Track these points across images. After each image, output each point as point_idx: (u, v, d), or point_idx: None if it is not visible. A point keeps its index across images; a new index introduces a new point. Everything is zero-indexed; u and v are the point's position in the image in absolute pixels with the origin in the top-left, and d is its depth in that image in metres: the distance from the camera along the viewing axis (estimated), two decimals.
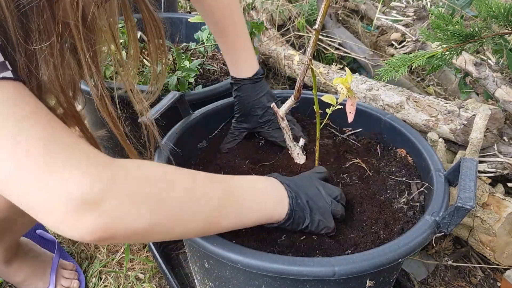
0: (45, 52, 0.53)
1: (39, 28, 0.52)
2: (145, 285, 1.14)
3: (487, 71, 1.26)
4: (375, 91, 1.37)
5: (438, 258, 1.19)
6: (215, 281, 0.77)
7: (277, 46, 1.93)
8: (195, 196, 0.59)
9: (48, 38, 0.53)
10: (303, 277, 0.61)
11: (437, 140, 1.15)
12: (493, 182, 1.18)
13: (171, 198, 0.56)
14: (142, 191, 0.54)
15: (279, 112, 0.88)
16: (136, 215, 0.53)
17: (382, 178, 0.87)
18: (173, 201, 0.57)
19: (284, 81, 2.01)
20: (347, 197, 0.82)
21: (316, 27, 0.72)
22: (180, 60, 1.22)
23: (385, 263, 0.63)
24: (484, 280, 1.17)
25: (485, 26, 0.98)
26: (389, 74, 0.94)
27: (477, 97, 1.48)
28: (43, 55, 0.53)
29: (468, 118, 1.15)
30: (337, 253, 0.71)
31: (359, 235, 0.75)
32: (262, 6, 2.12)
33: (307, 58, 0.74)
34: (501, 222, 1.02)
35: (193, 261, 0.83)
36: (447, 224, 0.68)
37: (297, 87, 0.82)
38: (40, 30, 0.52)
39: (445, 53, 0.97)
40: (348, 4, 2.27)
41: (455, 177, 0.76)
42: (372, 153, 0.96)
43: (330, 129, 1.05)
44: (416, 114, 1.26)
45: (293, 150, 0.90)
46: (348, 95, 0.74)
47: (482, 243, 1.07)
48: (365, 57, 1.86)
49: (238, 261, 0.63)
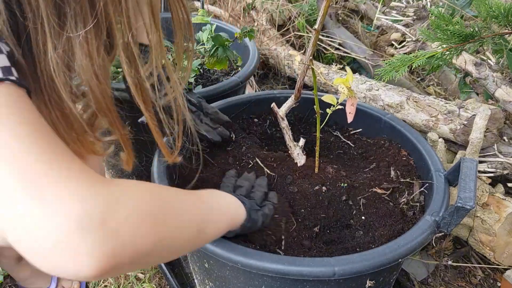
0: (80, 38, 0.50)
1: (75, 11, 0.49)
2: (145, 285, 1.14)
3: (487, 71, 1.26)
4: (375, 91, 1.37)
5: (438, 258, 1.19)
6: (215, 281, 0.77)
7: (277, 46, 1.93)
8: (185, 209, 0.57)
9: (84, 23, 0.49)
10: (303, 277, 0.61)
11: (437, 140, 1.15)
12: (493, 182, 1.18)
13: (169, 215, 0.53)
14: (143, 209, 0.48)
15: (279, 112, 0.88)
16: (142, 234, 0.46)
17: (382, 178, 0.87)
18: (170, 217, 0.53)
19: (284, 81, 2.01)
20: (348, 197, 0.82)
21: (316, 27, 0.72)
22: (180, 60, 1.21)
23: (385, 263, 0.63)
24: (484, 280, 1.17)
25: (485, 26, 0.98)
26: (389, 74, 0.94)
27: (477, 97, 1.48)
28: (79, 40, 0.50)
29: (468, 118, 1.15)
30: (337, 253, 0.71)
31: (358, 235, 0.75)
32: (262, 6, 2.12)
33: (307, 58, 0.74)
34: (501, 222, 1.02)
35: (193, 261, 0.83)
36: (447, 224, 0.68)
37: (297, 87, 0.82)
38: (76, 14, 0.49)
39: (445, 53, 0.97)
40: (348, 4, 2.27)
41: (455, 177, 0.76)
42: (372, 153, 0.96)
43: (330, 129, 1.05)
44: (416, 114, 1.26)
45: (293, 150, 0.90)
46: (348, 95, 0.74)
47: (482, 243, 1.07)
48: (365, 57, 1.86)
49: (238, 261, 0.63)
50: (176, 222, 0.54)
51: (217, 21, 1.49)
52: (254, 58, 1.26)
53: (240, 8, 2.15)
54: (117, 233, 0.42)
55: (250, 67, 1.22)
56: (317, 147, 0.87)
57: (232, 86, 1.13)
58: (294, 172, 0.88)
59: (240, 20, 2.13)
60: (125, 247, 0.43)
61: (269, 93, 1.07)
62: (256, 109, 1.05)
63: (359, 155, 0.97)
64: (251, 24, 2.08)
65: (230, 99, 1.04)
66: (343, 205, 0.81)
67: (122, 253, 0.43)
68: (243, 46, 1.35)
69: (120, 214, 0.43)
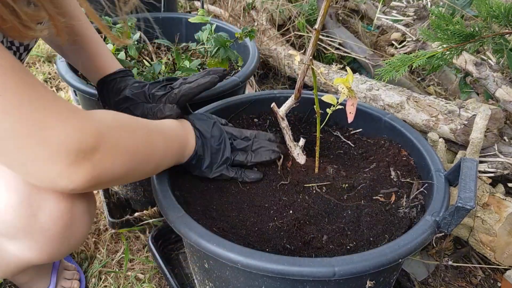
0: None
1: None
2: (145, 285, 1.14)
3: (487, 71, 1.26)
4: (375, 91, 1.37)
5: (438, 258, 1.19)
6: (215, 282, 0.77)
7: (277, 46, 1.93)
8: (151, 148, 0.71)
9: None
10: (303, 278, 0.61)
11: (438, 140, 1.15)
12: (494, 182, 1.18)
13: (140, 145, 0.67)
14: (122, 142, 0.63)
15: (279, 112, 0.88)
16: (119, 163, 0.62)
17: (382, 177, 0.87)
18: (141, 147, 0.68)
19: (284, 81, 2.01)
20: (348, 196, 0.82)
21: (316, 27, 0.72)
22: (180, 60, 1.21)
23: (385, 263, 0.63)
24: (485, 280, 1.17)
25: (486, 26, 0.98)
26: (390, 74, 0.94)
27: (477, 97, 1.47)
28: None
29: (468, 118, 1.15)
30: (337, 254, 0.71)
31: (358, 235, 0.75)
32: (262, 5, 2.12)
33: (307, 58, 0.74)
34: (502, 222, 1.02)
35: (193, 261, 0.83)
36: (447, 224, 0.68)
37: (297, 87, 0.82)
38: None
39: (445, 53, 0.97)
40: (348, 4, 2.27)
41: (456, 177, 0.76)
42: (372, 153, 0.96)
43: (330, 129, 1.04)
44: (417, 114, 1.26)
45: (293, 150, 0.90)
46: (348, 95, 0.74)
47: (482, 243, 1.07)
48: (365, 57, 1.86)
49: (238, 262, 0.63)
50: (144, 157, 0.68)
51: (217, 20, 1.48)
52: (254, 58, 1.26)
53: (240, 7, 2.15)
54: (101, 163, 0.59)
55: (250, 67, 1.22)
56: (317, 147, 0.86)
57: (232, 86, 1.13)
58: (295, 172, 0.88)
59: (240, 20, 2.13)
60: (106, 172, 0.61)
61: (269, 93, 1.06)
62: (256, 109, 1.05)
63: (359, 155, 0.97)
64: (251, 24, 2.08)
65: (230, 99, 1.04)
66: (343, 205, 0.81)
67: (103, 177, 0.60)
68: (243, 46, 1.35)
69: (104, 148, 0.59)
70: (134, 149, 0.66)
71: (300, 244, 0.73)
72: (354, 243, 0.73)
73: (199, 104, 1.02)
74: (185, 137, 0.80)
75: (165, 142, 0.75)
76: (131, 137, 0.66)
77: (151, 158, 0.71)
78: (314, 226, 0.77)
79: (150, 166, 0.72)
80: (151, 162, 0.71)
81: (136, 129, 0.69)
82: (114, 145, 0.61)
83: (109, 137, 0.61)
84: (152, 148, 0.71)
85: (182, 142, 0.79)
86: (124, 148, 0.64)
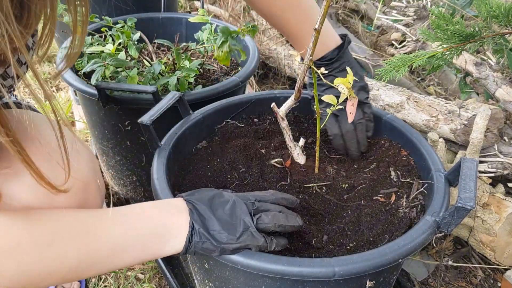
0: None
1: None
2: (145, 285, 1.14)
3: (487, 71, 1.26)
4: (375, 91, 1.37)
5: (438, 258, 1.19)
6: (215, 282, 0.77)
7: (277, 46, 1.93)
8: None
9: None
10: (303, 278, 0.61)
11: (438, 140, 1.15)
12: (494, 182, 1.18)
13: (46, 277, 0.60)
14: (20, 275, 0.57)
15: (279, 112, 0.88)
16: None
17: (382, 177, 0.87)
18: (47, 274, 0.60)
19: (284, 81, 2.01)
20: (348, 196, 0.82)
21: (316, 27, 0.72)
22: (180, 60, 1.21)
23: (385, 263, 0.63)
24: (485, 280, 1.17)
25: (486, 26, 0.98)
26: (389, 74, 0.94)
27: (477, 97, 1.48)
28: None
29: (468, 118, 1.15)
30: (337, 254, 0.71)
31: (358, 235, 0.75)
32: None
33: (307, 58, 0.74)
34: (502, 222, 1.02)
35: (193, 261, 0.83)
36: (447, 224, 0.68)
37: (297, 87, 0.82)
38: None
39: (445, 53, 0.97)
40: (348, 4, 2.27)
41: (456, 177, 0.76)
42: (372, 153, 0.96)
43: None
44: (417, 114, 1.26)
45: (293, 150, 0.90)
46: (348, 95, 0.74)
47: (482, 243, 1.07)
48: (365, 57, 1.86)
49: (238, 262, 0.63)
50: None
51: (217, 20, 1.48)
52: (254, 58, 1.26)
53: (240, 8, 2.15)
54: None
55: (250, 67, 1.22)
56: (317, 147, 0.86)
57: (232, 86, 1.13)
58: (295, 172, 0.88)
59: (240, 20, 2.13)
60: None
61: (269, 93, 1.06)
62: (256, 109, 1.05)
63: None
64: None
65: (230, 99, 1.03)
66: (343, 205, 0.81)
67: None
68: (243, 45, 1.35)
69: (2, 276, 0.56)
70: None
71: (300, 244, 0.73)
72: (354, 243, 0.73)
73: (199, 104, 1.02)
74: (164, 220, 0.65)
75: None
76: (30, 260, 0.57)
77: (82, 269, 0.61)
78: (314, 226, 0.77)
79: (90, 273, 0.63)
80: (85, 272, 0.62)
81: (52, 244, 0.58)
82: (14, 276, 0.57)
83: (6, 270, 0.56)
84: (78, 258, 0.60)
85: (158, 228, 0.65)
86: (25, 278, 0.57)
